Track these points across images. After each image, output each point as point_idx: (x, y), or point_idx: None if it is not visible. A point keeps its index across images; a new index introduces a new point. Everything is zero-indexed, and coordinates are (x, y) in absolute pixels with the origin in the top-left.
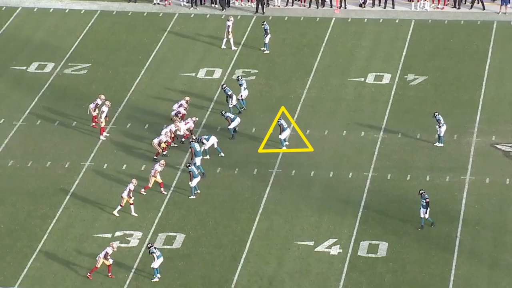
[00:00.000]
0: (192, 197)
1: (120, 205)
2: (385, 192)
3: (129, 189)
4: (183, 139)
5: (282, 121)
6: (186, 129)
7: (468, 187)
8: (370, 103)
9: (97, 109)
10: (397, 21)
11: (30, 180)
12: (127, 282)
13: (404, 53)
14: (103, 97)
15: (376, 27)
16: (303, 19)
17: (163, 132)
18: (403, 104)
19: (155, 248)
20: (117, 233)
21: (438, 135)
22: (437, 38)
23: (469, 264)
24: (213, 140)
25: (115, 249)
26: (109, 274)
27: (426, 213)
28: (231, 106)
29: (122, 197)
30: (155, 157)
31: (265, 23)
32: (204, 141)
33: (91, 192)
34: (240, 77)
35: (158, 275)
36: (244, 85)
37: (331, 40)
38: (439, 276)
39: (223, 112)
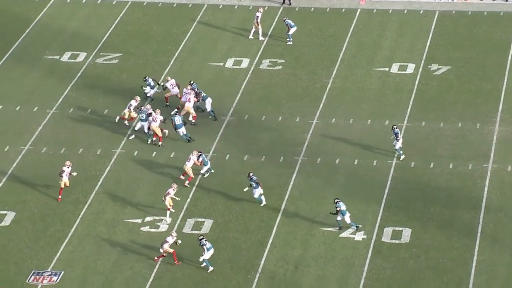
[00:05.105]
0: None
1: (168, 209)
2: (409, 179)
3: (168, 193)
4: (192, 121)
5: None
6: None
7: (490, 175)
8: (394, 93)
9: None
10: (421, 12)
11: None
12: (157, 266)
13: (428, 44)
14: (138, 98)
15: (400, 18)
16: (329, 10)
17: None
18: (426, 93)
19: (205, 240)
20: (147, 219)
21: (396, 149)
22: (460, 29)
23: (491, 250)
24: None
25: (175, 238)
26: (175, 261)
27: (343, 219)
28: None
29: (164, 199)
30: (159, 143)
31: (285, 18)
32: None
33: (122, 179)
34: (192, 82)
35: (211, 268)
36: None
37: (356, 31)
38: (462, 262)
39: (174, 113)
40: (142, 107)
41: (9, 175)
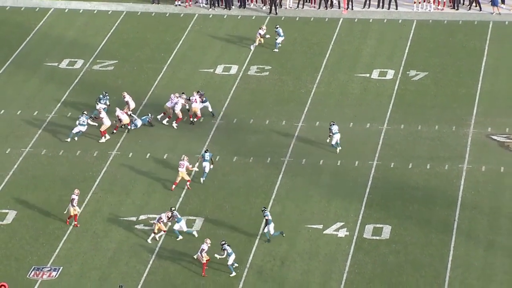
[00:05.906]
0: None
1: (154, 232)
2: (389, 179)
3: (160, 218)
4: (194, 119)
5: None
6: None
7: (466, 174)
8: (375, 97)
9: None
10: (400, 21)
11: (62, 168)
12: (151, 262)
13: (406, 51)
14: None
15: (380, 27)
16: (313, 20)
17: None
18: (405, 98)
19: (227, 245)
20: (141, 217)
21: (332, 144)
22: (437, 37)
23: (466, 245)
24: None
25: (209, 244)
26: (204, 272)
27: (268, 229)
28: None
29: (154, 223)
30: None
31: (277, 27)
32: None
33: (117, 179)
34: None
35: (234, 273)
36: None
37: (339, 39)
38: (439, 257)
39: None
40: (85, 114)
41: (10, 176)
